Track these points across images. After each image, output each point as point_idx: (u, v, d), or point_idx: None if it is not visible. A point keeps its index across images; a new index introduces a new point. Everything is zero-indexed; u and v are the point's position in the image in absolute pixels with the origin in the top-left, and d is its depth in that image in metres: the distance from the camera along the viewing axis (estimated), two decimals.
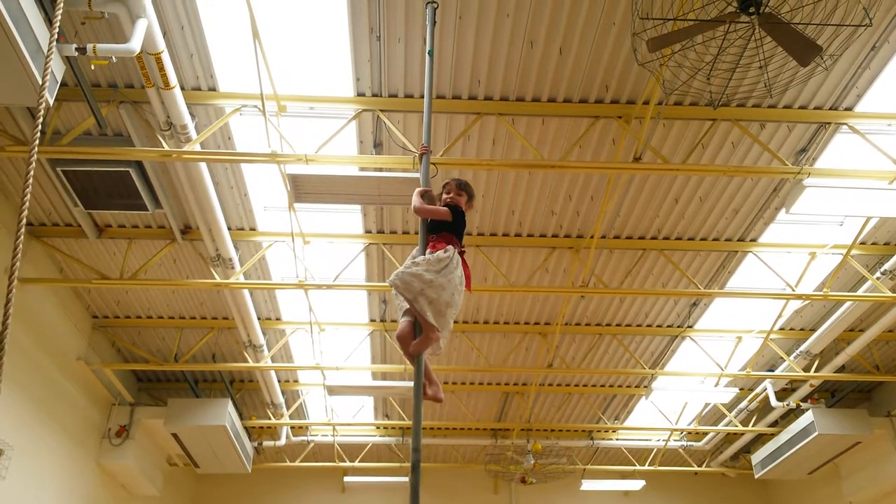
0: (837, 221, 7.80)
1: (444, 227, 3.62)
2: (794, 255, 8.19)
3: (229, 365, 9.80)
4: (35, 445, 8.28)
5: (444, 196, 3.79)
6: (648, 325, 9.84)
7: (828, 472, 11.68)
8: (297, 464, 12.90)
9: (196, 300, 9.19)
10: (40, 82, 4.48)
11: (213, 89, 6.23)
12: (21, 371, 7.92)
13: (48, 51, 2.50)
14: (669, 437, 12.66)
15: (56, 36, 2.57)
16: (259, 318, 9.13)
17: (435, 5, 4.34)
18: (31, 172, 2.43)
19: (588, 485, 13.60)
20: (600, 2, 5.50)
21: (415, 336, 3.34)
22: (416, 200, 3.63)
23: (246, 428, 11.26)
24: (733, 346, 9.93)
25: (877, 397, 11.37)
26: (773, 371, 10.24)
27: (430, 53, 4.15)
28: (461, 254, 3.56)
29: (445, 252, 3.46)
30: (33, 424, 8.24)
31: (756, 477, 12.04)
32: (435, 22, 4.34)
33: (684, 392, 10.18)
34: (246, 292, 8.36)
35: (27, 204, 2.35)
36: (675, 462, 13.63)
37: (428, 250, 3.52)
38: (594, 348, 10.27)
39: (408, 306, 3.39)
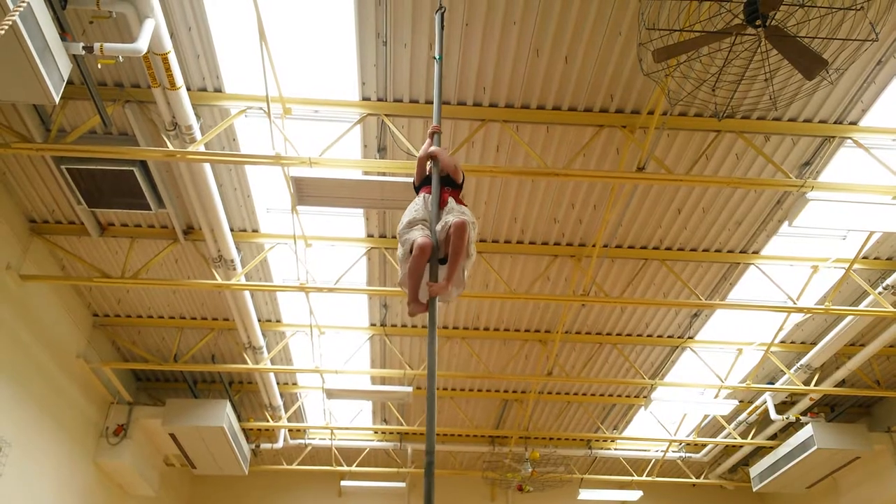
0: (840, 235, 7.79)
1: (456, 185, 3.74)
2: (796, 268, 8.18)
3: (228, 366, 9.80)
4: (33, 442, 8.27)
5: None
6: (649, 336, 9.82)
7: (826, 486, 11.63)
8: (294, 467, 12.87)
9: (197, 301, 9.19)
10: (47, 80, 4.49)
11: (218, 90, 6.25)
12: (20, 367, 7.92)
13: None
14: (668, 448, 12.62)
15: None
16: (259, 320, 9.13)
17: (443, 10, 4.37)
18: None
19: (585, 494, 13.56)
20: (607, 11, 5.51)
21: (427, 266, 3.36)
22: (449, 158, 3.74)
23: (244, 430, 11.24)
24: (734, 358, 9.91)
25: (877, 412, 11.34)
26: (773, 384, 10.21)
27: (439, 59, 4.18)
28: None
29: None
30: (31, 421, 8.23)
31: (754, 490, 11.99)
32: (443, 27, 4.37)
33: (683, 403, 10.15)
34: (247, 294, 8.36)
35: None
36: (673, 473, 13.58)
37: (451, 199, 3.60)
38: (594, 357, 10.25)
39: (425, 240, 3.38)
